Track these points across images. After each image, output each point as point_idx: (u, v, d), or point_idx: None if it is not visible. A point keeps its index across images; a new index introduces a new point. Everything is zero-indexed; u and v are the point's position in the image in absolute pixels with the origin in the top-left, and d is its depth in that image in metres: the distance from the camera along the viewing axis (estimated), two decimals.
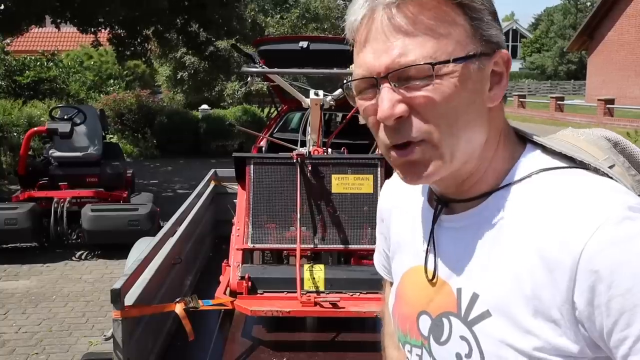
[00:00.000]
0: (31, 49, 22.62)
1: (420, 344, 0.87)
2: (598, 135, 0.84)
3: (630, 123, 19.02)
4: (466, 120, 0.75)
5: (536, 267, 0.71)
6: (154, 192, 8.07)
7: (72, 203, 6.30)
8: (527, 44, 49.28)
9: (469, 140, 0.76)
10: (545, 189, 0.75)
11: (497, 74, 0.78)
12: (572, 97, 32.03)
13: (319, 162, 3.17)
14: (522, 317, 0.72)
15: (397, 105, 0.73)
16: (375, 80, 0.74)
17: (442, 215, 0.85)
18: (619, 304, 0.66)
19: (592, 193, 0.72)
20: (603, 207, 0.69)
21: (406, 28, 0.72)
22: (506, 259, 0.75)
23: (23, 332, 4.37)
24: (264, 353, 2.86)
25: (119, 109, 13.56)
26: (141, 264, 2.60)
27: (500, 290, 0.75)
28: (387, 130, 0.75)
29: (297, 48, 4.47)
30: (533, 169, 0.78)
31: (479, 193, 0.80)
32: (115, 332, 2.27)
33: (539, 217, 0.73)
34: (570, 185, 0.74)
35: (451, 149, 0.75)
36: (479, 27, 0.75)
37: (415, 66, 0.71)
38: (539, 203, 0.74)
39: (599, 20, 25.60)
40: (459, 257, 0.81)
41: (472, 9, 0.74)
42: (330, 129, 5.34)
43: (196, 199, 4.19)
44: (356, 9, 0.77)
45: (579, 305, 0.68)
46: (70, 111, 7.28)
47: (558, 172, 0.77)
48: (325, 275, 2.89)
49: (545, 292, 0.70)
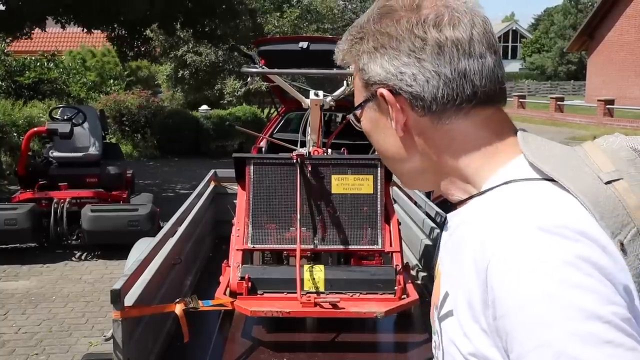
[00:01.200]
0: (32, 49, 22.62)
1: (437, 332, 0.91)
2: (623, 145, 0.78)
3: (630, 123, 19.03)
4: (384, 152, 0.88)
5: (472, 275, 0.73)
6: (154, 192, 8.07)
7: (72, 203, 6.30)
8: (527, 44, 49.27)
9: (402, 163, 0.87)
10: (493, 200, 0.76)
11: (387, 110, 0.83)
12: (572, 97, 32.03)
13: (319, 163, 3.17)
14: (465, 321, 0.74)
15: None
16: None
17: (449, 216, 0.90)
18: (502, 325, 0.67)
19: (519, 208, 0.71)
20: (515, 224, 0.69)
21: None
22: (463, 263, 0.76)
23: (23, 333, 4.37)
24: (264, 353, 2.85)
25: (119, 109, 13.57)
26: (141, 264, 2.59)
27: (458, 293, 0.77)
28: None
29: (297, 48, 4.47)
30: (499, 182, 0.78)
31: (461, 198, 0.85)
32: (115, 332, 2.27)
33: (479, 227, 0.75)
34: (511, 198, 0.74)
35: (395, 170, 0.90)
36: (362, 77, 0.85)
37: (352, 115, 0.91)
38: (487, 212, 0.76)
39: (599, 21, 25.61)
40: (447, 256, 0.86)
41: (357, 62, 0.85)
42: (330, 130, 5.34)
43: (196, 199, 4.19)
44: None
45: (492, 318, 0.69)
46: (70, 111, 7.28)
47: (517, 184, 0.75)
48: (325, 276, 2.89)
49: (476, 301, 0.72)
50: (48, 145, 7.19)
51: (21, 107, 11.96)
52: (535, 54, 47.21)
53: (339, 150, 4.30)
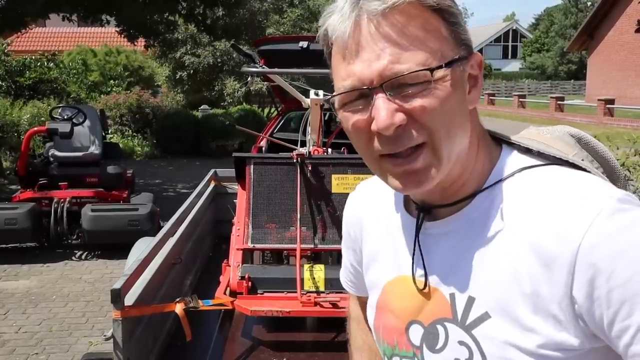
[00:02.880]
0: (32, 49, 22.63)
1: (412, 355, 0.85)
2: (562, 131, 0.86)
3: (631, 123, 19.02)
4: (459, 123, 0.76)
5: (532, 264, 0.71)
6: (154, 192, 8.06)
7: (72, 203, 6.30)
8: (527, 44, 49.25)
9: (460, 143, 0.77)
10: (531, 186, 0.76)
11: (473, 77, 0.79)
12: (572, 97, 32.03)
13: (319, 162, 3.17)
14: (523, 315, 0.72)
15: (396, 114, 0.72)
16: (368, 90, 0.73)
17: (426, 223, 0.84)
18: (619, 295, 0.66)
19: (580, 187, 0.73)
20: (594, 201, 0.70)
21: (395, 37, 0.71)
22: (500, 259, 0.75)
23: (23, 332, 4.37)
24: (264, 353, 2.85)
25: (119, 109, 13.57)
26: (141, 264, 2.60)
27: (497, 291, 0.74)
28: (382, 140, 0.74)
29: (297, 48, 4.47)
30: (514, 168, 0.79)
31: (463, 196, 0.80)
32: (115, 332, 2.27)
33: (530, 214, 0.73)
34: (557, 181, 0.75)
35: (448, 153, 0.75)
36: (458, 31, 0.75)
37: (411, 73, 0.71)
38: (528, 200, 0.75)
39: (599, 20, 25.60)
40: (448, 262, 0.80)
41: (451, 14, 0.75)
42: (330, 129, 5.33)
43: (196, 199, 4.19)
44: (338, 18, 0.75)
45: (578, 299, 0.69)
46: (70, 111, 7.28)
47: (539, 170, 0.78)
48: (325, 275, 2.89)
49: (544, 288, 0.71)
50: (48, 145, 7.19)
51: (21, 107, 11.95)
52: (536, 53, 47.19)
53: (339, 150, 4.30)
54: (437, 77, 0.72)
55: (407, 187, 0.77)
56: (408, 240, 0.86)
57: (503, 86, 38.28)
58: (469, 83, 0.78)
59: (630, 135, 4.22)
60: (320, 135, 3.54)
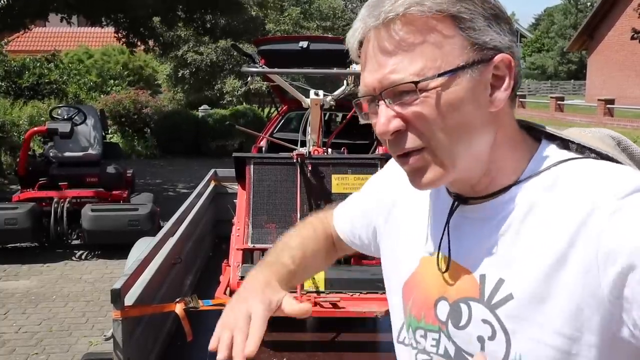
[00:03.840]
0: (31, 49, 22.63)
1: (437, 329, 0.89)
2: (603, 133, 0.87)
3: (631, 123, 19.02)
4: (464, 128, 0.77)
5: (567, 251, 0.73)
6: (154, 191, 8.06)
7: (72, 203, 6.30)
8: (527, 44, 49.22)
9: (469, 146, 0.78)
10: (569, 177, 0.78)
11: (500, 78, 0.79)
12: (572, 97, 32.02)
13: (319, 162, 3.17)
14: (551, 297, 0.74)
15: (392, 120, 0.77)
16: (373, 97, 0.79)
17: (464, 206, 0.87)
18: None
19: (613, 176, 0.75)
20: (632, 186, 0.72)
21: (392, 48, 0.76)
22: (535, 245, 0.77)
23: (23, 332, 4.37)
24: (264, 353, 2.85)
25: (119, 109, 13.57)
26: (141, 264, 2.59)
27: (529, 274, 0.76)
28: (389, 142, 0.80)
29: (297, 48, 4.47)
30: (551, 162, 0.81)
31: (496, 189, 0.83)
32: (115, 332, 2.27)
33: (569, 203, 0.75)
34: (595, 171, 0.77)
35: (451, 157, 0.78)
36: (470, 36, 0.76)
37: (401, 85, 0.75)
38: (566, 189, 0.77)
39: (599, 20, 25.60)
40: (482, 245, 0.83)
41: (460, 19, 0.75)
42: (330, 129, 5.34)
43: (196, 199, 4.19)
44: (352, 33, 0.81)
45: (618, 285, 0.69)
46: (70, 111, 7.28)
47: (577, 161, 0.80)
48: (326, 276, 2.89)
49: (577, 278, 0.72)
50: (48, 145, 7.19)
51: (21, 107, 11.95)
52: (536, 53, 47.18)
53: (339, 150, 4.30)
54: (429, 87, 0.75)
55: (416, 185, 0.82)
56: (442, 222, 0.90)
57: None
58: (495, 84, 0.79)
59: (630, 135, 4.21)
60: (320, 135, 3.54)
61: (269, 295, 0.95)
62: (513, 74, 0.80)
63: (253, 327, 0.89)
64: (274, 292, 0.96)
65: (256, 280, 1.00)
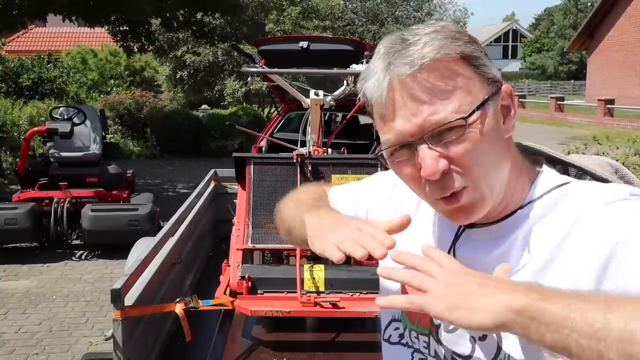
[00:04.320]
0: (31, 49, 22.63)
1: (427, 332, 0.91)
2: (603, 161, 0.94)
3: (630, 123, 19.02)
4: (496, 157, 0.82)
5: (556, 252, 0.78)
6: (154, 191, 8.06)
7: (72, 203, 6.30)
8: (527, 44, 49.20)
9: (501, 173, 0.83)
10: (568, 196, 0.82)
11: (505, 107, 0.85)
12: (572, 97, 32.01)
13: (319, 162, 3.17)
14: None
15: (439, 160, 0.79)
16: (410, 142, 0.80)
17: (469, 229, 0.90)
18: None
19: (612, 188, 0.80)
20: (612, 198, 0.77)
21: (428, 93, 0.78)
22: (529, 252, 0.81)
23: (23, 332, 4.37)
24: (264, 353, 2.85)
25: (119, 109, 13.57)
26: (141, 264, 2.59)
27: (519, 276, 0.80)
28: (432, 185, 0.81)
29: (297, 48, 4.47)
30: (551, 186, 0.85)
31: (503, 216, 0.87)
32: (115, 332, 2.27)
33: (563, 215, 0.80)
34: (592, 187, 0.82)
35: (490, 186, 0.82)
36: (483, 72, 0.82)
37: (450, 122, 0.78)
38: (564, 206, 0.81)
39: (599, 20, 25.59)
40: (484, 260, 0.86)
41: (475, 58, 0.81)
42: (330, 129, 5.34)
43: (196, 199, 4.19)
44: (374, 83, 0.82)
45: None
46: (70, 111, 7.28)
47: (577, 183, 0.85)
48: (325, 276, 2.89)
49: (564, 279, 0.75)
50: (48, 145, 7.19)
51: (21, 107, 11.95)
52: (536, 53, 47.16)
53: (339, 150, 4.30)
54: (471, 122, 0.78)
55: (458, 221, 0.86)
56: (448, 238, 0.92)
57: None
58: (502, 114, 0.84)
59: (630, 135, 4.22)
60: (320, 135, 3.54)
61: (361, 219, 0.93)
62: (514, 101, 0.86)
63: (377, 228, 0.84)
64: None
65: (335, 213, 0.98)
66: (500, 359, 0.82)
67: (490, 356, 0.82)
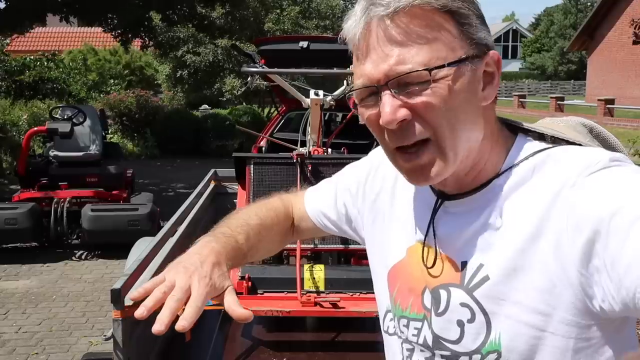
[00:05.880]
0: (31, 48, 22.62)
1: (422, 317, 0.90)
2: (575, 121, 0.92)
3: (630, 123, 19.02)
4: (464, 120, 0.79)
5: (540, 226, 0.76)
6: (154, 191, 8.07)
7: (72, 203, 6.30)
8: (527, 44, 49.22)
9: (467, 139, 0.81)
10: (544, 163, 0.81)
11: (489, 74, 0.83)
12: (572, 97, 32.02)
13: (319, 162, 3.17)
14: (525, 272, 0.77)
15: (399, 110, 0.77)
16: (376, 88, 0.79)
17: (445, 202, 0.89)
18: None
19: (580, 158, 0.78)
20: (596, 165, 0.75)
21: (400, 38, 0.76)
22: (512, 227, 0.79)
23: (23, 332, 4.37)
24: (264, 353, 2.85)
25: (119, 109, 13.57)
26: (141, 264, 2.59)
27: (503, 253, 0.79)
28: (390, 134, 0.80)
29: (297, 48, 4.47)
30: (527, 153, 0.83)
31: (479, 184, 0.85)
32: (115, 332, 2.27)
33: (542, 185, 0.78)
34: (569, 154, 0.80)
35: (453, 148, 0.79)
36: (468, 31, 0.79)
37: (413, 73, 0.76)
38: (541, 174, 0.80)
39: (599, 20, 25.58)
40: (465, 235, 0.85)
41: (460, 15, 0.78)
42: (330, 129, 5.33)
43: (196, 199, 4.18)
44: (352, 23, 0.81)
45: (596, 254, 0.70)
46: (70, 111, 7.28)
47: (552, 150, 0.82)
48: (325, 275, 2.89)
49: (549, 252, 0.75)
50: (48, 145, 7.18)
51: (21, 107, 11.95)
52: (536, 53, 47.17)
53: (339, 150, 4.30)
54: (438, 77, 0.76)
55: (415, 182, 0.84)
56: (426, 216, 0.91)
57: (503, 86, 38.25)
58: (484, 80, 0.81)
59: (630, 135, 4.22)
60: (320, 135, 3.54)
61: (215, 279, 0.90)
62: (500, 70, 0.84)
63: (192, 304, 0.85)
64: (221, 278, 0.92)
65: (209, 250, 0.95)
66: (489, 341, 0.80)
67: (481, 337, 0.81)
